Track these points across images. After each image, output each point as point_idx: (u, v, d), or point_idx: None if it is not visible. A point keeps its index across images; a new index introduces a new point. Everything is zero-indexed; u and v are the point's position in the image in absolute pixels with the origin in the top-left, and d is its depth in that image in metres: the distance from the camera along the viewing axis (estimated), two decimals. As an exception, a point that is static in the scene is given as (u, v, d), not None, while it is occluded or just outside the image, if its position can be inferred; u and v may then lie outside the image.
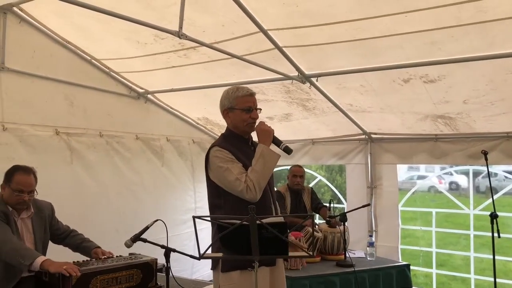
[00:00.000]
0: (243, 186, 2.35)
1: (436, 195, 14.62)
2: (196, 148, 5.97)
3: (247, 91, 2.59)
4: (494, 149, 4.94)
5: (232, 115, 2.59)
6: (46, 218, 3.23)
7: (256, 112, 2.59)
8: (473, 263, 5.79)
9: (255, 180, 2.37)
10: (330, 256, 4.55)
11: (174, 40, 3.79)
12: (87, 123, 4.50)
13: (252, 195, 2.36)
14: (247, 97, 2.57)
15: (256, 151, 2.49)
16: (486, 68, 3.64)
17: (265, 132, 2.53)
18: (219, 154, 2.46)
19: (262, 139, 2.52)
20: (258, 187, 2.38)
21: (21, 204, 3.02)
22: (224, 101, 2.61)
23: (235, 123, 2.59)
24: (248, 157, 2.52)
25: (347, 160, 6.00)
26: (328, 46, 3.69)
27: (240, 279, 2.39)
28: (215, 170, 2.47)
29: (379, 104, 4.72)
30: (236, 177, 2.37)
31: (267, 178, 2.46)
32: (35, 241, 3.11)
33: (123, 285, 2.89)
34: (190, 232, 5.42)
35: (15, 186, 2.95)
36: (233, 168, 2.41)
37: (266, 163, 2.44)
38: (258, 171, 2.40)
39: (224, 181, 2.43)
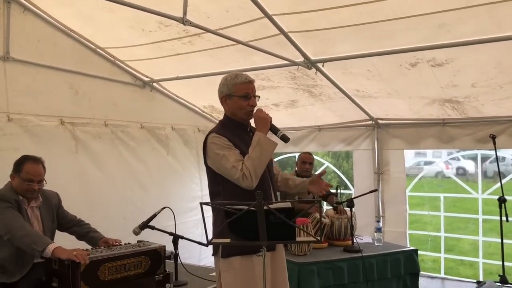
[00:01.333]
0: (239, 174, 2.34)
1: (444, 181, 14.57)
2: (202, 136, 5.88)
3: (245, 78, 2.57)
4: (502, 133, 4.89)
5: (230, 102, 2.57)
6: (53, 208, 3.27)
7: (254, 100, 2.56)
8: (481, 247, 5.78)
9: (251, 168, 2.35)
10: (338, 241, 4.55)
11: (178, 27, 3.77)
12: (92, 113, 4.50)
13: (248, 183, 2.34)
14: (246, 84, 2.55)
15: (253, 139, 2.47)
16: (495, 50, 3.59)
17: (263, 119, 2.51)
18: (217, 141, 2.44)
19: (260, 127, 2.50)
20: (255, 175, 2.36)
21: (31, 193, 3.07)
22: (223, 88, 2.59)
23: (233, 110, 2.57)
24: (246, 144, 2.50)
25: (354, 146, 5.98)
26: (334, 31, 3.64)
27: (241, 264, 2.40)
28: (212, 157, 2.46)
29: (386, 89, 4.68)
30: (232, 165, 2.36)
31: (263, 166, 2.44)
32: (43, 230, 3.15)
33: (131, 272, 2.90)
34: (197, 220, 5.45)
35: (25, 175, 3.00)
36: (230, 155, 2.39)
37: (263, 151, 2.42)
38: (255, 159, 2.38)
39: (221, 168, 2.42)
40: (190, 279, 3.27)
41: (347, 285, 4.11)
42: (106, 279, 2.79)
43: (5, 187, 3.07)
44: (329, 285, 4.03)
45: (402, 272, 4.43)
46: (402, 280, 4.48)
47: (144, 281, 2.96)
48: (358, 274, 4.14)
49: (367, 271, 4.16)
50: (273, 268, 2.50)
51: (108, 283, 2.79)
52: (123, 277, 2.86)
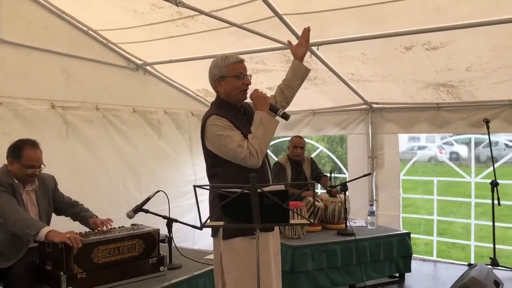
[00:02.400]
0: (246, 152, 2.34)
1: (437, 165, 14.65)
2: (195, 120, 5.92)
3: (236, 58, 2.55)
4: (496, 117, 4.91)
5: (224, 84, 2.54)
6: (49, 191, 3.26)
7: (248, 78, 2.56)
8: (473, 230, 5.84)
9: (257, 146, 2.36)
10: (331, 225, 4.59)
11: (172, 9, 3.72)
12: (83, 96, 4.45)
13: (255, 161, 2.36)
14: (238, 64, 2.53)
15: (255, 118, 2.47)
16: (490, 33, 3.57)
17: (261, 99, 2.51)
18: (218, 122, 2.42)
19: (259, 106, 2.49)
20: (261, 153, 2.38)
21: (32, 177, 3.08)
22: (214, 71, 2.56)
23: (228, 92, 2.55)
24: (244, 125, 2.51)
25: (348, 130, 5.98)
26: (329, 13, 3.61)
27: (241, 245, 2.40)
28: (213, 138, 2.44)
29: (381, 73, 4.67)
30: (238, 144, 2.36)
31: (268, 143, 2.47)
32: (39, 213, 3.15)
33: (125, 255, 2.91)
34: (190, 204, 5.45)
35: (26, 161, 2.99)
36: (234, 135, 2.39)
37: (266, 129, 2.43)
38: (259, 137, 2.39)
39: (225, 149, 2.41)
40: (184, 262, 3.28)
41: (340, 268, 4.17)
42: (100, 261, 2.80)
43: (0, 170, 3.04)
44: (323, 267, 4.09)
45: (395, 255, 4.49)
46: (395, 262, 4.54)
47: (138, 264, 2.97)
48: (352, 257, 4.19)
49: (360, 253, 4.21)
50: (273, 246, 2.53)
51: (101, 265, 2.80)
52: (116, 260, 2.87)
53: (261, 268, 2.30)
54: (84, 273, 2.71)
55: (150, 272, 3.00)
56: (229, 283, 2.43)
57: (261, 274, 2.27)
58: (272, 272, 2.50)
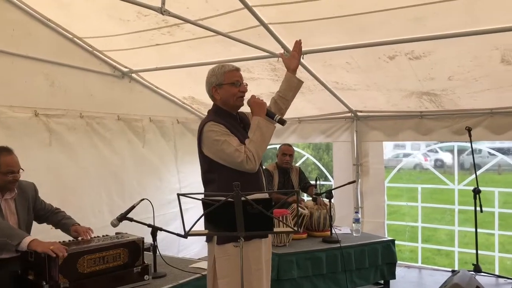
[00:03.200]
0: (243, 157, 2.39)
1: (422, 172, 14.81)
2: (180, 128, 5.91)
3: (232, 66, 2.65)
4: (478, 125, 4.99)
5: (221, 91, 2.61)
6: (29, 199, 3.21)
7: (244, 86, 2.64)
8: (457, 237, 5.91)
9: (254, 150, 2.42)
10: (317, 232, 4.60)
11: (157, 17, 3.72)
12: (67, 104, 4.40)
13: (252, 165, 2.41)
14: (234, 72, 2.63)
15: (252, 123, 2.54)
16: (471, 44, 3.64)
17: (258, 104, 2.58)
18: (215, 128, 2.48)
19: (257, 112, 2.56)
20: (257, 157, 2.44)
21: (13, 183, 3.04)
22: (211, 79, 2.64)
23: (225, 99, 2.62)
24: (240, 132, 2.56)
25: (333, 138, 6.03)
26: (313, 23, 3.65)
27: (235, 251, 2.41)
28: (210, 144, 2.49)
29: (365, 81, 4.72)
30: (235, 148, 2.42)
31: (265, 148, 2.54)
32: (18, 222, 3.09)
33: (110, 264, 2.88)
34: (175, 212, 5.41)
35: (5, 168, 2.96)
36: (231, 140, 2.45)
37: (263, 133, 2.50)
38: (257, 142, 2.46)
39: (222, 154, 2.46)
40: (169, 270, 3.26)
41: (325, 275, 4.17)
42: (85, 271, 2.76)
43: None
44: (308, 275, 4.08)
45: (380, 262, 4.51)
46: (380, 269, 4.56)
47: (123, 273, 2.94)
48: (337, 264, 4.20)
49: (345, 261, 4.22)
50: (265, 253, 2.58)
51: (87, 275, 2.77)
52: (102, 269, 2.84)
53: (253, 274, 2.33)
54: (68, 283, 2.68)
55: (135, 281, 2.98)
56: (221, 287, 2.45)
57: (252, 281, 2.30)
58: (263, 279, 2.51)
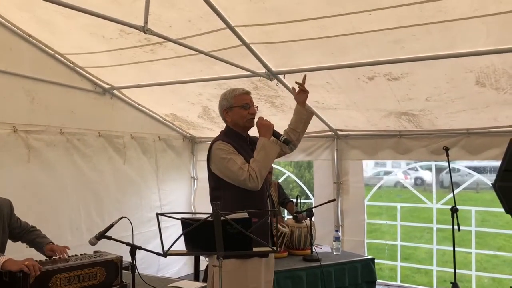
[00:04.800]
0: (246, 175, 2.51)
1: (402, 190, 14.97)
2: (162, 145, 5.90)
3: (242, 90, 2.85)
4: (455, 145, 5.10)
5: (231, 114, 2.79)
6: (4, 217, 3.11)
7: (253, 108, 2.84)
8: (435, 255, 5.98)
9: (257, 169, 2.54)
10: (297, 251, 4.61)
11: (140, 35, 3.73)
12: (48, 120, 4.37)
13: (254, 184, 2.53)
14: (244, 95, 2.83)
15: (258, 143, 2.68)
16: (447, 66, 3.75)
17: (266, 126, 2.76)
18: (223, 147, 2.64)
19: (263, 133, 2.72)
20: (260, 176, 2.55)
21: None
22: (223, 102, 2.83)
23: (235, 120, 2.80)
24: (247, 153, 2.69)
25: (314, 156, 6.07)
26: (295, 44, 3.71)
27: (234, 267, 2.53)
28: (217, 161, 2.63)
29: (345, 101, 4.79)
30: (239, 167, 2.55)
31: (268, 168, 2.65)
32: None
33: (85, 283, 2.84)
34: (155, 230, 5.35)
35: None
36: (236, 159, 2.60)
37: (267, 154, 2.63)
38: (260, 161, 2.59)
39: (227, 171, 2.59)
40: (148, 290, 3.22)
41: (305, 294, 4.17)
42: (59, 290, 2.71)
43: None
44: (288, 294, 4.07)
45: (360, 280, 4.53)
46: (359, 288, 4.57)
47: (100, 292, 2.89)
48: (317, 283, 4.20)
49: (326, 279, 4.23)
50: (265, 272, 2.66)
51: (60, 295, 2.72)
52: (76, 288, 2.79)
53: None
54: (41, 303, 2.62)
55: (112, 300, 2.94)
56: None
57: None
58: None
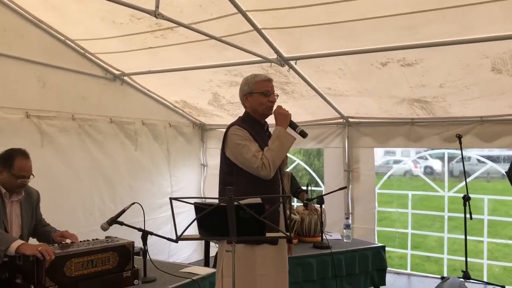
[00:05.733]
0: (259, 163, 2.50)
1: (412, 179, 14.90)
2: (173, 132, 5.90)
3: (265, 76, 2.79)
4: (468, 133, 5.04)
5: (251, 99, 2.74)
6: (34, 205, 3.21)
7: (273, 96, 2.76)
8: (446, 243, 5.94)
9: (270, 158, 2.52)
10: (307, 238, 4.60)
11: (150, 20, 3.72)
12: (59, 106, 4.39)
13: (267, 172, 2.51)
14: (265, 82, 2.75)
15: (273, 133, 2.65)
16: (462, 52, 3.68)
17: (283, 115, 2.70)
18: (239, 132, 2.61)
19: (279, 122, 2.68)
20: (273, 166, 2.53)
21: (21, 187, 3.04)
22: (244, 87, 2.78)
23: (254, 107, 2.74)
24: (263, 140, 2.67)
25: (325, 144, 6.04)
26: (307, 29, 3.67)
27: (244, 252, 2.50)
28: (232, 147, 2.61)
29: (357, 87, 4.74)
30: (253, 154, 2.53)
31: (281, 158, 2.63)
32: (22, 225, 3.07)
33: (98, 268, 2.85)
34: (166, 216, 5.39)
35: (17, 172, 2.95)
36: (251, 146, 2.56)
37: (282, 144, 2.60)
38: (274, 151, 2.56)
39: (241, 157, 2.57)
40: (159, 275, 3.23)
41: (316, 281, 4.16)
42: (73, 274, 2.73)
43: None
44: (298, 281, 4.07)
45: (370, 268, 4.51)
46: (370, 276, 4.56)
47: (112, 277, 2.91)
48: (327, 270, 4.20)
49: (336, 267, 4.22)
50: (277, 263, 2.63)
51: (74, 278, 2.73)
52: (90, 273, 2.81)
53: (257, 279, 2.45)
54: (56, 286, 2.64)
55: (124, 285, 2.95)
56: (226, 287, 2.49)
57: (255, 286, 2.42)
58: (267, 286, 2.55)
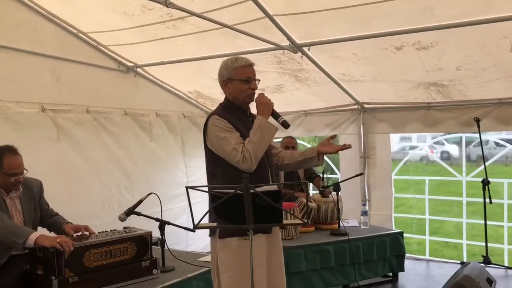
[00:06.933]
0: (240, 157, 2.36)
1: (428, 165, 14.75)
2: (187, 122, 5.90)
3: (245, 61, 2.58)
4: (486, 116, 4.94)
5: (231, 86, 2.57)
6: (35, 197, 3.20)
7: (255, 83, 2.58)
8: (465, 229, 5.88)
9: (251, 151, 2.38)
10: (324, 225, 4.59)
11: (162, 11, 3.70)
12: (74, 99, 4.40)
13: (248, 165, 2.37)
14: (246, 68, 2.56)
15: (254, 123, 2.50)
16: (479, 33, 3.60)
17: (264, 104, 2.54)
18: (218, 123, 2.46)
19: (261, 111, 2.52)
20: (254, 158, 2.39)
21: (16, 185, 3.02)
22: (223, 72, 2.59)
23: (234, 94, 2.58)
24: (247, 127, 2.53)
25: (340, 130, 5.99)
26: (319, 14, 3.61)
27: (237, 245, 2.41)
28: (212, 138, 2.48)
29: (372, 72, 4.68)
30: (233, 147, 2.39)
31: (263, 149, 2.47)
32: (24, 220, 3.08)
33: (117, 258, 2.89)
34: (183, 207, 5.41)
35: (8, 170, 2.93)
36: (231, 138, 2.42)
37: (264, 135, 2.44)
38: (255, 143, 2.41)
39: (221, 150, 2.44)
40: (177, 264, 3.27)
41: (334, 268, 4.17)
42: (92, 265, 2.77)
43: None
44: (316, 268, 4.08)
45: (388, 254, 4.50)
46: (388, 262, 4.55)
47: (131, 267, 2.94)
48: (345, 257, 4.19)
49: (354, 253, 4.21)
50: (269, 251, 2.52)
51: (93, 269, 2.78)
52: (109, 263, 2.85)
53: (256, 269, 2.29)
54: (76, 277, 2.68)
55: (143, 275, 2.98)
56: (224, 282, 2.43)
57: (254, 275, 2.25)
58: (263, 275, 2.47)
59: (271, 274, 2.53)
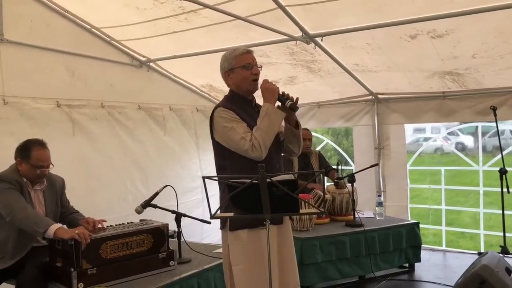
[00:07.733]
0: (249, 145, 2.34)
1: (443, 155, 14.58)
2: (200, 116, 5.91)
3: (244, 49, 2.56)
4: (503, 104, 4.86)
5: (233, 76, 2.54)
6: (57, 192, 3.26)
7: (256, 68, 2.55)
8: (482, 219, 5.80)
9: (260, 138, 2.35)
10: (339, 217, 4.58)
11: (174, 4, 3.71)
12: (88, 94, 4.45)
13: (258, 154, 2.34)
14: (245, 55, 2.54)
15: (261, 110, 2.47)
16: (496, 19, 3.53)
17: (270, 90, 2.49)
18: (224, 114, 2.43)
19: (267, 98, 2.48)
20: (264, 146, 2.36)
21: (42, 178, 3.08)
22: (224, 64, 2.57)
23: (238, 83, 2.54)
24: (252, 117, 2.50)
25: (354, 122, 5.95)
26: (332, 4, 3.58)
27: (248, 237, 2.40)
28: (219, 130, 2.45)
29: (386, 62, 4.63)
30: (241, 136, 2.36)
31: (272, 136, 2.44)
32: (46, 213, 3.14)
33: (134, 250, 2.91)
34: (198, 200, 5.44)
35: (35, 162, 2.99)
36: (238, 127, 2.39)
37: (271, 121, 2.42)
38: (263, 130, 2.38)
39: (229, 140, 2.42)
40: (194, 256, 3.28)
41: (349, 259, 4.16)
42: (108, 257, 2.80)
43: (10, 168, 3.05)
44: (332, 259, 4.07)
45: (404, 245, 4.48)
46: (404, 253, 4.53)
47: (148, 259, 2.97)
48: (361, 248, 4.18)
49: (369, 244, 4.19)
50: (279, 242, 2.50)
51: (110, 261, 2.81)
52: (125, 255, 2.87)
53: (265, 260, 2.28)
54: (94, 269, 2.71)
55: (160, 266, 3.01)
56: (236, 274, 2.42)
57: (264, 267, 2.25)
58: (275, 266, 2.44)
59: (282, 265, 2.52)
